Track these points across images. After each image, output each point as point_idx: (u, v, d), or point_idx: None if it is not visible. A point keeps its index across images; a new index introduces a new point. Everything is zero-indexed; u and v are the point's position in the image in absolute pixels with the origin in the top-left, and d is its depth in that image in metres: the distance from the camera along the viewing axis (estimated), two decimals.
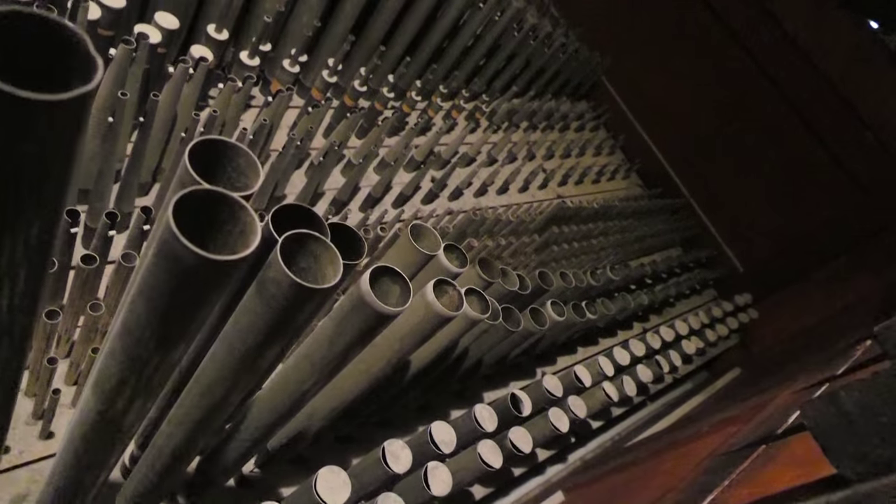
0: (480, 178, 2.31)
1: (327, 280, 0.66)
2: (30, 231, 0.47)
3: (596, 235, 2.34)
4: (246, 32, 1.77)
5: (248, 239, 0.51)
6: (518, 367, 1.91)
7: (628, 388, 1.77)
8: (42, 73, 0.43)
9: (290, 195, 1.77)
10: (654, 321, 2.53)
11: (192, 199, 0.48)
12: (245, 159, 0.60)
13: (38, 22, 0.38)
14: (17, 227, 0.46)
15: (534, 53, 2.63)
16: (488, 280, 1.26)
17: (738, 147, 2.92)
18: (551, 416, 1.44)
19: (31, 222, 0.47)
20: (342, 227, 0.82)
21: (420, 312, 0.93)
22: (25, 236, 0.48)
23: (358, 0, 1.87)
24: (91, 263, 1.07)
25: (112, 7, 1.30)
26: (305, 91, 2.02)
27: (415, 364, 1.20)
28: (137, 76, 1.28)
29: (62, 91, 0.39)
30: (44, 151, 0.43)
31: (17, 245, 0.48)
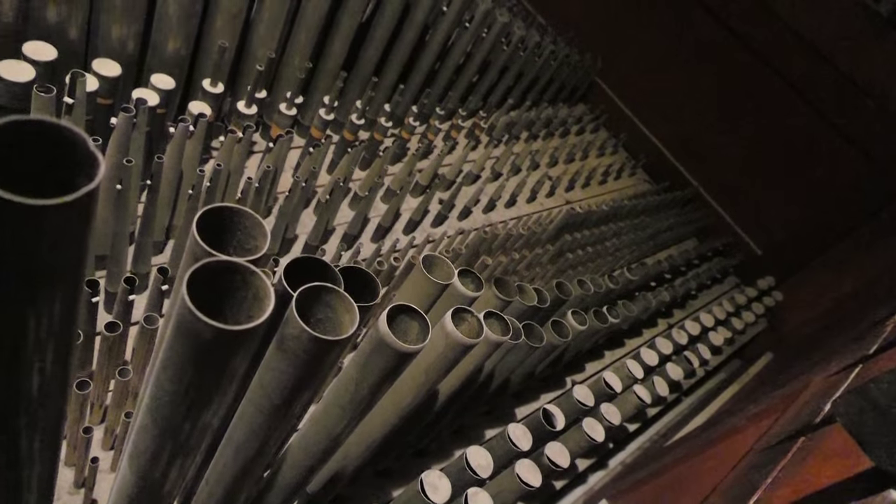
0: (487, 194, 2.32)
1: (345, 328, 0.66)
2: (52, 309, 0.49)
3: (609, 238, 2.33)
4: (240, 82, 1.80)
5: (263, 303, 0.52)
6: (546, 379, 1.90)
7: (660, 388, 1.75)
8: (47, 172, 0.44)
9: (301, 235, 1.79)
10: (679, 316, 2.51)
11: (205, 272, 0.50)
12: (251, 221, 0.61)
13: (37, 126, 0.40)
14: (40, 307, 0.48)
15: (525, 64, 2.65)
16: (506, 299, 1.27)
17: (741, 131, 2.90)
18: (586, 426, 1.43)
19: (53, 301, 0.48)
20: (354, 269, 0.83)
21: (441, 343, 0.93)
22: (49, 314, 0.49)
23: (345, 36, 1.89)
24: (115, 330, 1.08)
25: (109, 76, 1.33)
26: (305, 130, 2.05)
27: (443, 392, 1.20)
28: (140, 141, 1.30)
29: (67, 192, 0.40)
30: (56, 244, 0.44)
31: (42, 323, 0.49)
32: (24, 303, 0.47)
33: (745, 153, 2.91)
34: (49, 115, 1.13)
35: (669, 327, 2.42)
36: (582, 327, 1.53)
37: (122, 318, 1.16)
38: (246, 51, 1.75)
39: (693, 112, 3.02)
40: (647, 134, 3.19)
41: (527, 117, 2.70)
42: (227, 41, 1.60)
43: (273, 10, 1.67)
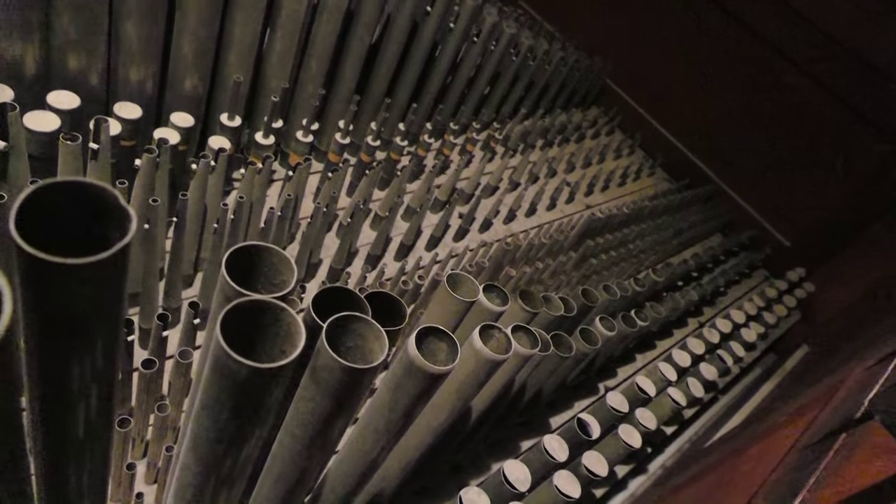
0: (507, 205, 2.32)
1: (375, 355, 0.67)
2: (94, 354, 0.50)
3: (632, 240, 2.32)
4: (257, 113, 1.83)
5: (294, 338, 0.53)
6: (579, 386, 1.89)
7: (695, 389, 1.74)
8: (82, 227, 0.46)
9: (325, 258, 1.81)
10: (709, 313, 2.48)
11: (236, 312, 0.51)
12: (277, 257, 0.62)
13: (71, 187, 0.41)
14: (83, 354, 0.49)
15: (535, 73, 2.65)
16: (532, 311, 1.27)
17: (758, 121, 2.87)
18: (622, 433, 1.42)
19: (94, 346, 0.50)
20: (380, 294, 0.84)
21: (471, 361, 0.94)
22: (91, 359, 0.51)
23: (356, 60, 1.92)
24: (152, 367, 1.11)
25: (130, 119, 1.37)
26: (322, 155, 2.08)
27: (476, 408, 1.21)
28: (164, 179, 1.33)
29: (103, 245, 0.42)
30: (95, 296, 0.46)
31: (85, 368, 0.51)
32: (67, 351, 0.49)
33: (765, 145, 2.88)
34: (76, 161, 1.16)
35: (700, 326, 2.39)
36: (611, 333, 1.52)
37: (157, 354, 1.18)
38: (260, 83, 1.79)
39: (708, 106, 2.99)
40: (663, 132, 3.18)
41: (541, 125, 2.70)
42: (242, 75, 1.64)
43: (284, 42, 1.71)
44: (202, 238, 1.54)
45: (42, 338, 0.48)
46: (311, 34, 1.79)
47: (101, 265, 0.39)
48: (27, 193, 0.38)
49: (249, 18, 1.57)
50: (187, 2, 1.45)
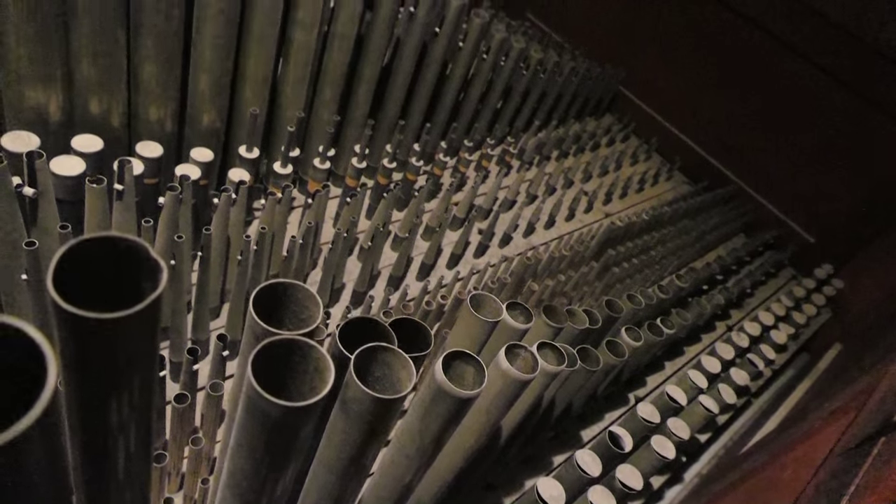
0: (525, 218, 2.32)
1: (403, 384, 0.68)
2: (132, 394, 0.52)
3: (653, 246, 2.30)
4: (274, 143, 1.86)
5: (324, 374, 0.54)
6: (609, 397, 1.87)
7: (727, 395, 1.71)
8: (115, 277, 0.47)
9: (348, 282, 1.83)
10: (737, 316, 2.45)
11: (266, 352, 0.52)
12: (303, 293, 0.63)
13: (104, 242, 0.43)
14: (121, 395, 0.51)
15: (547, 84, 2.66)
16: (557, 326, 1.27)
17: (773, 119, 2.84)
18: (655, 444, 1.40)
19: (131, 387, 0.51)
20: (405, 321, 0.84)
21: (499, 382, 0.94)
22: (129, 399, 0.52)
23: (368, 85, 1.95)
24: (185, 402, 1.13)
25: (152, 157, 1.40)
26: (340, 179, 2.10)
27: (506, 427, 1.20)
28: (188, 215, 1.36)
29: (135, 294, 0.43)
30: (130, 344, 0.47)
31: (123, 408, 0.52)
32: (105, 393, 0.50)
33: (781, 142, 2.85)
34: (103, 203, 1.19)
35: (728, 329, 2.36)
36: (637, 343, 1.51)
37: (189, 388, 1.20)
38: (276, 113, 1.82)
39: (723, 107, 2.97)
40: (678, 135, 3.16)
41: (555, 136, 2.70)
42: (258, 107, 1.67)
43: (297, 71, 1.74)
44: (227, 270, 1.57)
45: (80, 383, 0.49)
46: (322, 62, 1.82)
47: (134, 317, 0.41)
48: (62, 252, 0.40)
49: (262, 51, 1.60)
50: (202, 40, 1.49)
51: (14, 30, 1.23)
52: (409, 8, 1.89)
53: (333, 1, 1.71)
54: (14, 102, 1.33)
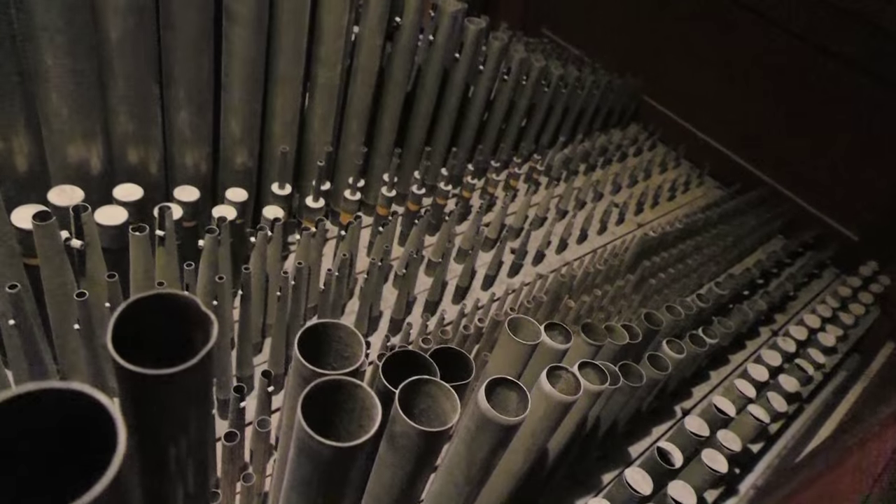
0: (557, 234, 2.32)
1: (448, 415, 0.69)
2: (189, 435, 0.54)
3: (689, 254, 2.27)
4: (305, 178, 1.90)
5: (371, 412, 0.55)
6: (654, 411, 1.84)
7: (777, 403, 1.67)
8: (168, 331, 0.49)
9: (385, 309, 1.85)
10: (781, 320, 2.39)
11: (314, 394, 0.53)
12: (345, 331, 0.65)
13: (157, 299, 0.45)
14: (178, 438, 0.53)
15: (569, 99, 2.67)
16: (597, 344, 1.26)
17: (806, 118, 2.79)
18: (706, 458, 1.38)
19: (188, 429, 0.53)
20: (446, 350, 0.85)
21: (542, 405, 0.94)
22: (186, 440, 0.54)
23: (393, 114, 1.98)
24: (234, 439, 1.15)
25: (190, 201, 1.45)
26: (370, 209, 2.13)
27: (553, 449, 1.20)
28: (226, 255, 1.40)
29: (188, 348, 0.45)
30: (187, 392, 0.49)
31: (181, 449, 0.54)
32: (164, 440, 0.52)
33: (814, 139, 2.79)
34: (146, 249, 1.23)
35: (773, 334, 2.31)
36: (680, 356, 1.49)
37: (237, 425, 1.22)
38: (305, 148, 1.86)
39: (751, 107, 2.93)
40: (707, 140, 3.12)
41: (582, 149, 2.70)
42: (287, 145, 1.71)
43: (323, 107, 1.78)
44: (267, 305, 1.60)
45: (140, 431, 0.51)
46: (347, 96, 1.86)
47: (189, 370, 0.42)
48: (118, 313, 0.42)
49: (289, 91, 1.65)
50: (231, 85, 1.54)
51: (56, 90, 1.29)
52: (428, 36, 1.92)
53: (354, 35, 1.75)
54: (58, 159, 1.39)
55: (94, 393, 0.31)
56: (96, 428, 0.40)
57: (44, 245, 1.08)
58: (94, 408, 0.31)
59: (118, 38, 1.29)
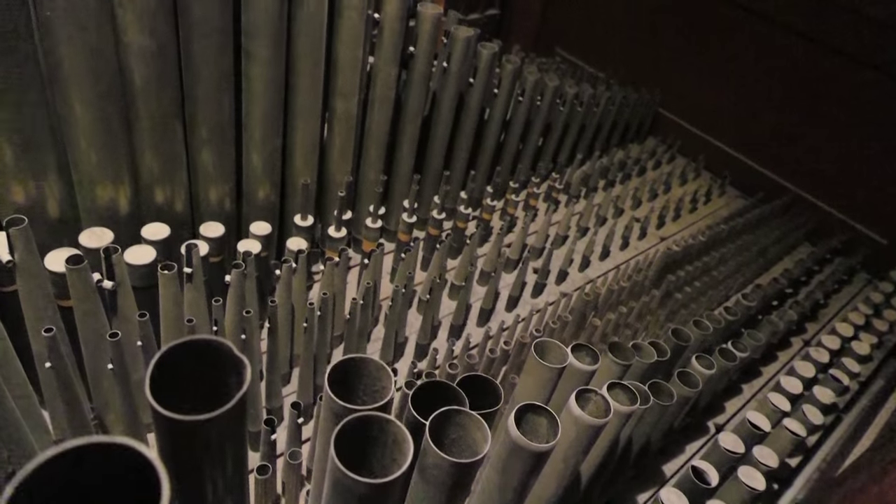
0: (579, 252, 2.31)
1: (479, 444, 0.69)
2: (225, 472, 0.54)
3: (715, 266, 2.25)
4: (326, 208, 1.93)
5: (402, 446, 0.56)
6: (687, 428, 1.82)
7: (813, 416, 1.64)
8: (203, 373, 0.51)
9: (410, 334, 1.85)
10: (812, 329, 2.35)
11: (347, 430, 0.54)
12: (374, 365, 0.65)
13: (193, 345, 0.46)
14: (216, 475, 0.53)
15: (585, 117, 2.67)
16: (625, 363, 1.25)
17: (820, 119, 2.76)
18: (742, 476, 1.35)
19: (225, 466, 0.54)
20: (474, 377, 0.85)
21: (573, 429, 0.93)
22: (223, 476, 0.54)
23: (411, 141, 2.00)
24: (266, 472, 1.16)
25: (215, 237, 1.48)
26: (392, 235, 2.15)
27: (585, 472, 1.18)
28: (253, 288, 1.42)
29: (222, 389, 0.46)
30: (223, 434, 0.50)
31: (218, 483, 0.55)
32: (202, 478, 0.53)
33: (834, 141, 2.76)
34: (174, 286, 1.25)
35: (805, 344, 2.27)
36: (710, 371, 1.47)
37: (268, 458, 1.23)
38: (325, 179, 1.88)
39: (769, 114, 2.91)
40: (726, 149, 3.10)
41: (600, 166, 2.70)
42: (308, 177, 1.74)
43: (342, 137, 1.80)
44: (293, 336, 1.61)
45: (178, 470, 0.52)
46: (365, 126, 1.89)
47: (225, 415, 0.43)
48: (155, 361, 0.43)
49: (308, 124, 1.68)
50: (252, 120, 1.57)
51: (84, 135, 1.33)
52: (442, 63, 1.95)
53: (370, 66, 1.79)
54: (88, 201, 1.42)
55: (141, 448, 0.32)
56: (138, 473, 0.41)
57: (77, 288, 1.11)
58: (139, 459, 0.32)
59: (142, 82, 1.33)
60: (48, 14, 1.15)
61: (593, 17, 3.42)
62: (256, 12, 1.39)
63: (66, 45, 1.20)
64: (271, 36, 1.43)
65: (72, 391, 1.12)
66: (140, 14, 1.24)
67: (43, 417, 1.25)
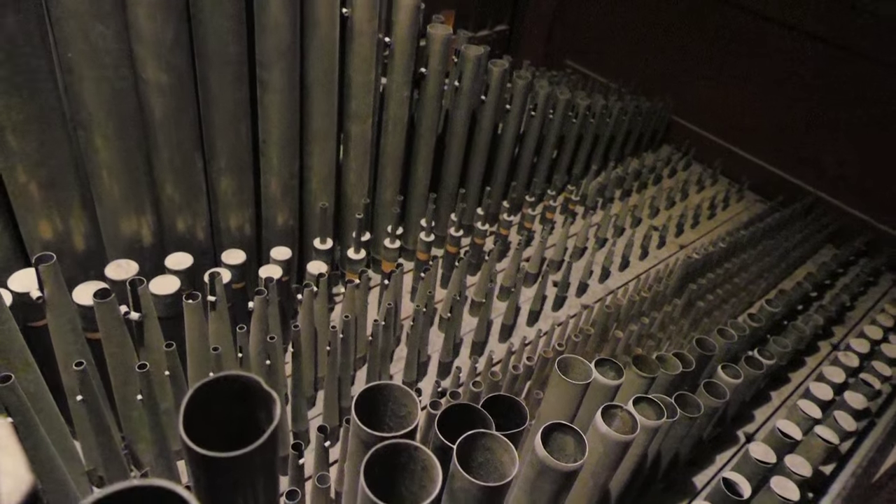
0: (598, 263, 2.30)
1: (506, 467, 0.69)
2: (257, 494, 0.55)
3: (736, 273, 2.23)
4: (345, 230, 1.95)
5: (431, 472, 0.56)
6: (716, 438, 1.79)
7: (845, 422, 1.61)
8: (233, 408, 0.51)
9: (432, 353, 1.85)
10: (840, 332, 2.31)
11: (376, 458, 0.54)
12: (399, 391, 0.66)
13: (217, 382, 0.47)
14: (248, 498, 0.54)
15: (598, 128, 2.68)
16: (650, 376, 1.24)
17: (837, 119, 2.73)
18: (775, 486, 1.33)
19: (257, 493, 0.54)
20: (499, 398, 0.86)
21: (600, 446, 0.93)
22: (255, 500, 0.55)
23: (425, 160, 2.02)
24: (296, 498, 1.16)
25: (237, 264, 1.50)
26: (410, 254, 2.16)
27: (615, 487, 1.17)
28: (275, 313, 1.43)
29: (254, 427, 0.47)
30: (253, 464, 0.51)
31: None
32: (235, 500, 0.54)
33: (851, 141, 2.73)
34: (199, 315, 1.27)
35: (833, 348, 2.23)
36: (737, 381, 1.45)
37: (297, 482, 1.24)
38: (343, 202, 1.90)
39: (783, 117, 2.89)
40: (742, 154, 3.08)
41: (615, 176, 2.70)
42: (326, 200, 1.76)
43: (358, 160, 1.82)
44: (317, 359, 1.62)
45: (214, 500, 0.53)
46: (380, 147, 1.91)
47: (257, 450, 0.44)
48: (186, 401, 0.44)
49: (325, 148, 1.70)
50: (269, 147, 1.60)
51: (106, 169, 1.36)
52: (453, 82, 1.97)
53: (382, 88, 1.81)
54: (112, 234, 1.45)
55: (181, 491, 0.33)
56: None
57: (105, 321, 1.13)
58: (178, 499, 0.33)
59: (161, 115, 1.36)
60: (69, 56, 1.18)
61: (602, 27, 3.43)
62: (270, 42, 1.42)
63: (86, 84, 1.23)
64: (285, 64, 1.46)
65: (102, 422, 1.13)
66: (157, 50, 1.27)
67: (75, 447, 1.26)
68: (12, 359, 1.08)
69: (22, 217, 1.30)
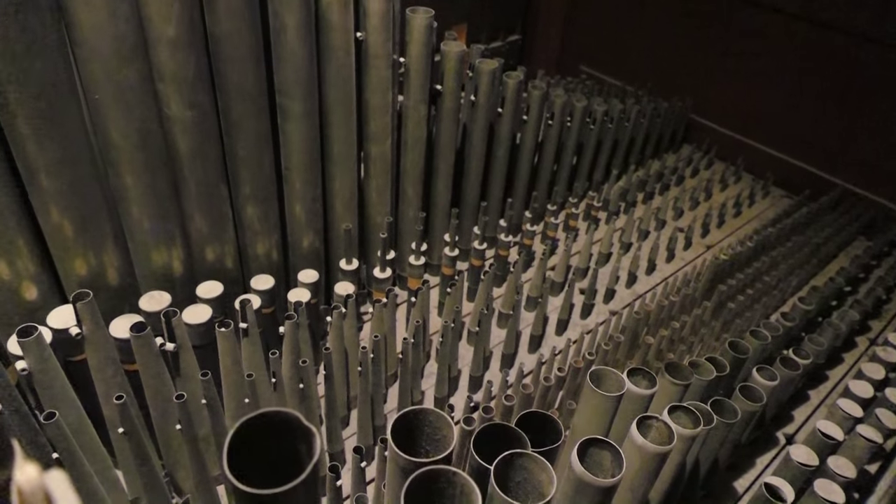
0: (625, 268, 2.29)
1: (544, 486, 0.69)
2: None
3: (766, 271, 2.20)
4: (370, 249, 1.96)
5: (470, 497, 0.56)
6: (755, 441, 1.76)
7: (888, 420, 1.57)
8: (273, 443, 0.52)
9: (463, 367, 1.86)
10: (877, 327, 2.26)
11: (415, 485, 0.55)
12: (434, 415, 0.66)
13: (258, 419, 0.48)
14: None
15: (617, 132, 2.67)
16: (684, 383, 1.23)
17: (862, 109, 2.69)
18: (819, 490, 1.30)
19: None
20: (533, 414, 0.86)
21: (637, 458, 0.92)
22: None
23: (446, 175, 2.03)
24: None
25: (266, 289, 1.52)
26: (436, 269, 2.17)
27: (654, 498, 1.16)
28: (306, 336, 1.45)
29: (296, 458, 0.48)
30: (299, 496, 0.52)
31: None
32: None
33: (876, 129, 2.68)
34: (232, 342, 1.29)
35: (871, 343, 2.19)
36: (773, 383, 1.43)
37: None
38: (366, 221, 1.92)
39: (808, 109, 2.85)
40: (765, 150, 3.04)
41: (637, 179, 2.68)
42: (349, 222, 1.78)
43: (379, 180, 1.84)
44: (349, 379, 1.64)
45: None
46: (400, 166, 1.92)
47: (300, 485, 0.45)
48: (230, 439, 0.45)
49: (346, 170, 1.72)
50: (292, 173, 1.62)
51: (136, 204, 1.40)
52: (469, 97, 1.98)
53: (400, 105, 1.83)
54: (144, 267, 1.49)
55: None
56: None
57: (142, 353, 1.16)
58: None
59: (187, 149, 1.39)
60: (96, 97, 1.22)
61: (615, 30, 3.42)
62: (288, 71, 1.44)
63: (114, 123, 1.27)
64: (304, 92, 1.49)
65: (143, 452, 1.16)
66: (180, 87, 1.30)
67: (117, 477, 1.29)
68: (55, 394, 1.11)
69: (58, 255, 1.34)
